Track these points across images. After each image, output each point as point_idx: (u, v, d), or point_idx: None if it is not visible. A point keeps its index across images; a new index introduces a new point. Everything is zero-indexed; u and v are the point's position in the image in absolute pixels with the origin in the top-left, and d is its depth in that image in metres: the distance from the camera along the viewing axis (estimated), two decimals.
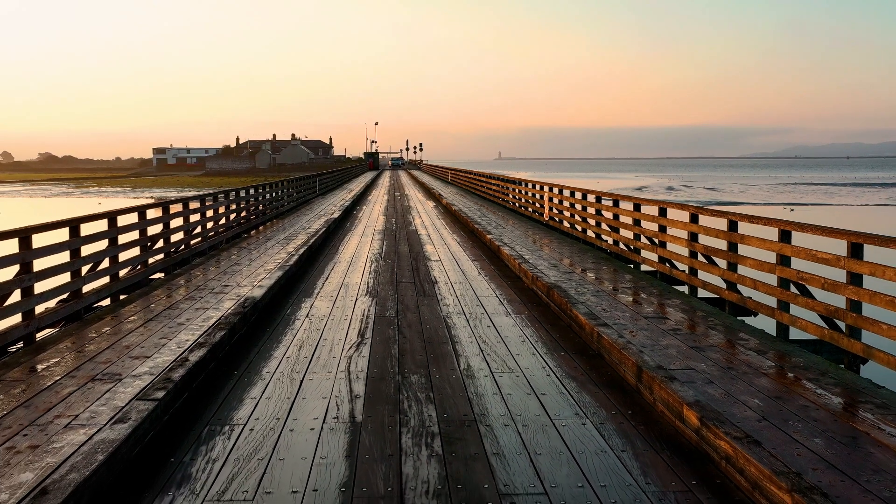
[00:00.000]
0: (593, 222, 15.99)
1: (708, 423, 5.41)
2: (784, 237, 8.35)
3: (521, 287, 12.15)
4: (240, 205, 19.38)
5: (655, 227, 12.20)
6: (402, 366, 7.69)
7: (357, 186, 47.19)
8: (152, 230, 12.40)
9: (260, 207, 22.01)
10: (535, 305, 10.73)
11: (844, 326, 7.22)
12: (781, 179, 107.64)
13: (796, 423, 5.50)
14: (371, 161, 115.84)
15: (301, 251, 15.08)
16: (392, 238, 19.39)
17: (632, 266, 13.31)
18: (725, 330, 8.41)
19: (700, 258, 10.58)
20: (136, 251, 11.61)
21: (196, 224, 15.17)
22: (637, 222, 13.13)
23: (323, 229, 19.51)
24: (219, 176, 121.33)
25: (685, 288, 11.09)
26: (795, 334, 8.29)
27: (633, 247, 13.33)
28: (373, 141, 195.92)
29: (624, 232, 13.93)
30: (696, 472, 5.17)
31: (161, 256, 12.99)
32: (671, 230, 11.70)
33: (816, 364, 7.06)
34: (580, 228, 17.17)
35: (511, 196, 27.09)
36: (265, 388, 6.97)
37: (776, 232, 8.43)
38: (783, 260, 8.27)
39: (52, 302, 9.21)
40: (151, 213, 12.36)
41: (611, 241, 14.67)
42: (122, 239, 10.91)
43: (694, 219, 10.82)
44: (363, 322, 9.66)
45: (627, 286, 11.22)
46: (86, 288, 9.57)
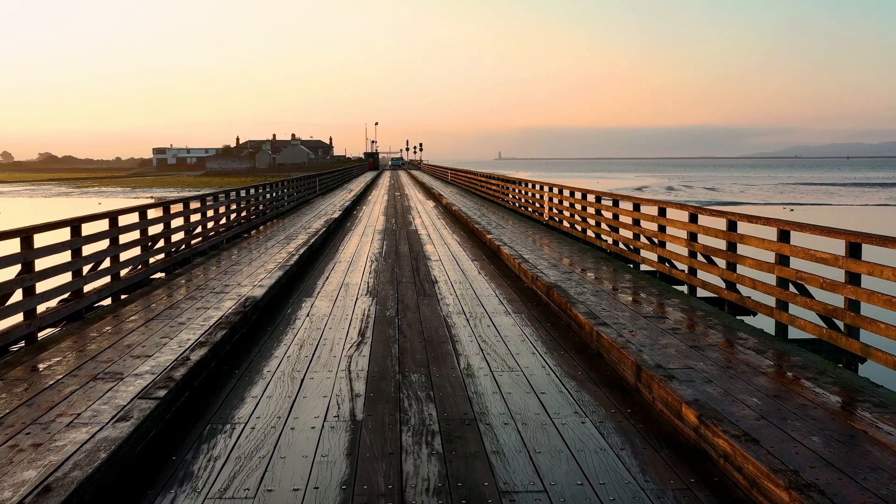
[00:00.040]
0: (593, 222, 16.02)
1: (706, 422, 5.44)
2: (783, 237, 8.38)
3: (521, 287, 12.18)
4: (240, 205, 19.42)
5: (655, 227, 12.23)
6: (403, 365, 7.72)
7: (357, 186, 47.21)
8: (153, 230, 12.43)
9: (260, 207, 22.04)
10: (535, 305, 10.76)
11: (843, 326, 7.25)
12: (781, 179, 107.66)
13: (794, 422, 5.53)
14: (371, 161, 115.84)
15: (301, 251, 15.11)
16: (392, 238, 19.42)
17: (631, 266, 13.34)
18: (724, 329, 8.44)
19: (699, 258, 10.61)
20: (137, 251, 11.65)
21: (197, 224, 15.20)
22: (637, 222, 13.16)
23: (323, 229, 19.54)
24: (219, 176, 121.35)
25: (684, 287, 11.12)
26: (794, 333, 8.33)
27: (633, 246, 13.36)
28: (373, 141, 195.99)
29: (624, 232, 13.96)
30: (695, 470, 5.20)
31: (162, 256, 13.03)
32: (671, 230, 11.73)
33: (815, 363, 7.09)
34: (580, 228, 17.20)
35: (511, 196, 27.12)
36: (266, 387, 7.01)
37: (775, 232, 8.46)
38: (782, 259, 8.30)
39: (54, 301, 9.24)
40: (152, 213, 12.39)
41: (610, 241, 14.70)
42: (123, 239, 10.94)
43: (693, 219, 10.85)
44: (363, 321, 9.69)
45: (627, 286, 11.26)
46: (87, 287, 9.60)
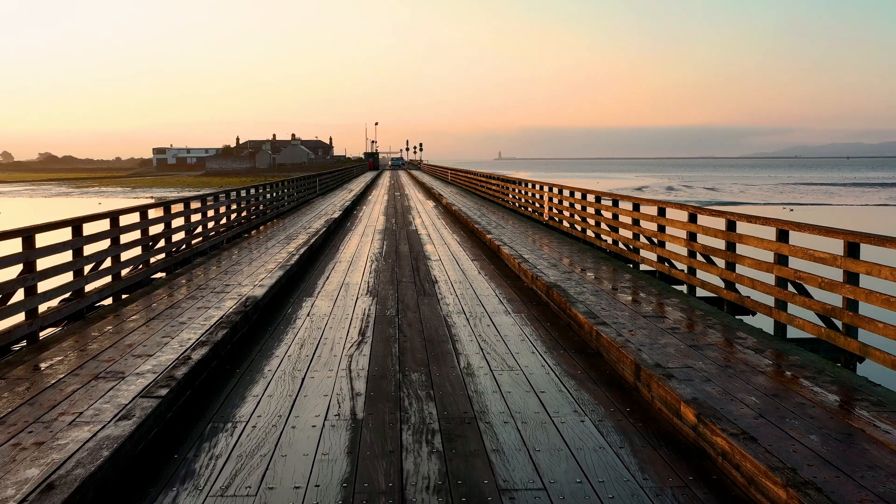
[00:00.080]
0: (593, 222, 16.05)
1: (705, 420, 5.47)
2: (782, 237, 8.41)
3: (521, 286, 12.21)
4: (240, 205, 19.45)
5: (654, 227, 12.26)
6: (403, 364, 7.75)
7: (357, 186, 47.24)
8: (154, 230, 12.46)
9: (260, 207, 22.07)
10: (535, 304, 10.79)
11: (841, 325, 7.28)
12: (781, 179, 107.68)
13: (792, 421, 5.56)
14: (371, 161, 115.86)
15: (302, 251, 15.14)
16: (392, 238, 19.45)
17: (631, 265, 13.37)
18: (723, 329, 8.47)
19: (699, 258, 10.64)
20: (138, 251, 11.67)
21: (197, 224, 15.23)
22: (636, 222, 13.19)
23: (323, 229, 19.57)
24: (219, 176, 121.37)
25: (684, 287, 11.15)
26: (793, 333, 8.35)
27: (633, 246, 13.39)
28: (373, 141, 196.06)
29: (623, 232, 13.99)
30: (693, 468, 5.23)
31: (162, 256, 13.05)
32: (670, 230, 11.76)
33: (813, 362, 7.12)
34: (580, 228, 17.22)
35: (511, 196, 27.15)
36: (267, 386, 7.04)
37: (774, 231, 8.49)
38: (781, 259, 8.33)
39: (55, 301, 9.27)
40: (153, 213, 12.41)
41: (610, 241, 14.73)
42: (124, 238, 10.97)
43: (693, 218, 10.88)
44: (364, 321, 9.72)
45: (626, 285, 11.29)
46: (88, 287, 9.63)
